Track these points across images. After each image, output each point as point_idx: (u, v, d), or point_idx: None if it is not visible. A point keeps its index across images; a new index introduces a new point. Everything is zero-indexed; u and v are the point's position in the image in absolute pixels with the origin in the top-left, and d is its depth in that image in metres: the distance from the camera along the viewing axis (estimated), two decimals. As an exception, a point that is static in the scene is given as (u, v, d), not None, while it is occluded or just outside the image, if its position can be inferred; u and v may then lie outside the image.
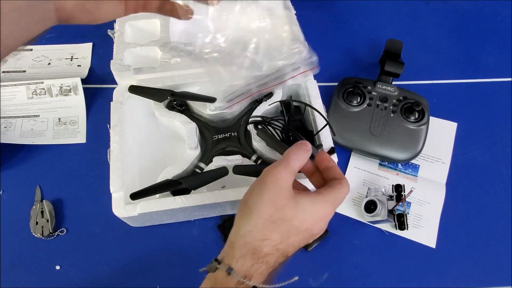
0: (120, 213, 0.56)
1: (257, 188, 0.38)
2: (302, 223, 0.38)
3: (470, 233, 0.66)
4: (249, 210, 0.37)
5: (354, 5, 0.91)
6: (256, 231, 0.37)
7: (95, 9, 0.39)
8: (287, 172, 0.38)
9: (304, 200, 0.38)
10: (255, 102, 0.67)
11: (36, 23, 0.35)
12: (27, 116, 0.73)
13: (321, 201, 0.39)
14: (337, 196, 0.40)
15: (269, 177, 0.38)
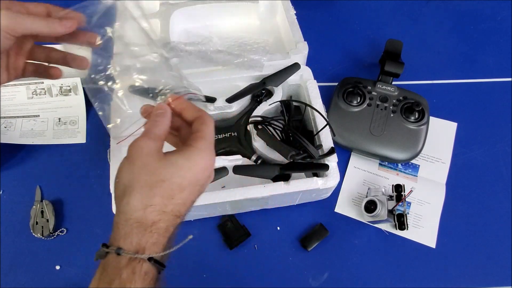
0: (120, 213, 0.56)
1: (125, 164, 0.37)
2: (183, 179, 0.36)
3: (470, 233, 0.66)
4: (123, 185, 0.36)
5: (354, 5, 0.91)
6: (134, 202, 0.35)
7: None
8: (150, 140, 0.37)
9: (177, 157, 0.37)
10: (255, 102, 0.67)
11: None
12: (27, 116, 0.73)
13: (195, 152, 0.37)
14: (206, 139, 0.39)
15: (133, 150, 0.37)
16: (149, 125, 0.39)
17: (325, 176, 0.59)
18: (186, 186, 0.37)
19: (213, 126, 0.40)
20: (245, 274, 0.62)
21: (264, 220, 0.65)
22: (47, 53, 0.46)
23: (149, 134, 0.38)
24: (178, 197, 0.36)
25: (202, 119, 0.40)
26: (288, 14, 0.74)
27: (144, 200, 0.35)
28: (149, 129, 0.39)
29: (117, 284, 0.33)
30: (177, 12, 0.76)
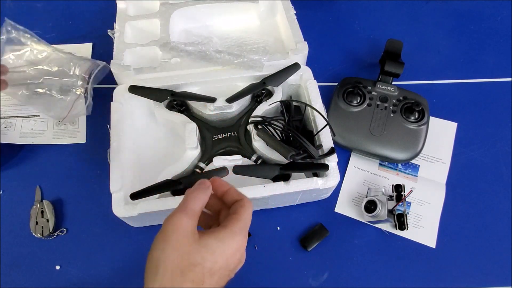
0: (120, 213, 0.56)
1: (159, 240, 0.36)
2: (214, 264, 0.36)
3: (470, 233, 0.66)
4: (154, 265, 0.35)
5: (354, 5, 0.91)
6: (165, 285, 0.34)
7: None
8: (187, 216, 0.37)
9: (211, 240, 0.37)
10: (255, 102, 0.67)
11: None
12: (27, 116, 0.73)
13: (229, 235, 0.37)
14: (243, 222, 0.39)
15: (169, 226, 0.36)
16: (188, 198, 0.39)
17: (325, 176, 0.59)
18: (216, 271, 0.36)
19: (251, 210, 0.40)
20: (245, 274, 0.61)
21: (264, 220, 0.65)
22: None
23: (186, 210, 0.37)
24: (208, 283, 0.36)
25: (242, 202, 0.40)
26: (288, 14, 0.74)
27: (175, 284, 0.34)
28: (187, 203, 0.38)
29: None
30: (177, 12, 0.76)
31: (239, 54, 0.68)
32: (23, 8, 0.88)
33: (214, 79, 0.67)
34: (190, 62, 0.68)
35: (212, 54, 0.69)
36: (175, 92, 0.65)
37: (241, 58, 0.68)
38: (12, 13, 0.87)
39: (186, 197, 0.39)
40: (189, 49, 0.70)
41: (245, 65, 0.67)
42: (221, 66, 0.68)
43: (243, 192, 0.41)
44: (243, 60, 0.67)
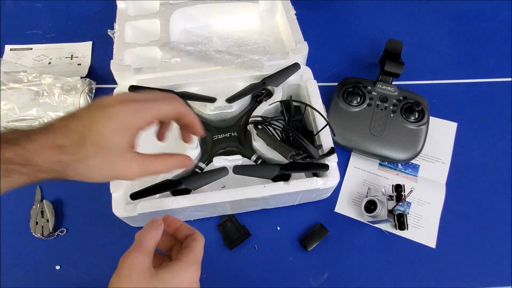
0: (120, 213, 0.56)
1: (116, 280, 0.37)
2: None
3: (470, 233, 0.66)
4: None
5: (354, 5, 0.91)
6: None
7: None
8: (142, 254, 0.38)
9: (166, 274, 0.38)
10: (255, 102, 0.67)
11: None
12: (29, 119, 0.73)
13: (184, 267, 0.39)
14: (196, 254, 0.40)
15: (125, 266, 0.37)
16: (142, 236, 0.39)
17: (325, 176, 0.59)
18: None
19: (203, 243, 0.42)
20: (245, 274, 0.62)
21: (264, 220, 0.65)
22: None
23: (141, 248, 0.38)
24: None
25: (194, 235, 0.42)
26: (288, 14, 0.74)
27: None
28: (142, 241, 0.39)
29: None
30: (177, 12, 0.76)
31: (239, 54, 0.68)
32: (23, 8, 0.88)
33: (214, 79, 0.67)
34: (190, 62, 0.68)
35: (212, 54, 0.69)
36: (175, 92, 0.65)
37: (241, 58, 0.68)
38: (12, 13, 0.87)
39: (140, 236, 0.40)
40: (189, 49, 0.70)
41: (245, 65, 0.67)
42: (221, 66, 0.68)
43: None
44: (243, 60, 0.67)
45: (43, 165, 0.34)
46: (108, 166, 0.36)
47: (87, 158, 0.35)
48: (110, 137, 0.35)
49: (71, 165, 0.35)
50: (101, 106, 0.36)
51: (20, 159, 0.33)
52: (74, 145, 0.34)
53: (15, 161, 0.33)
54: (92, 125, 0.35)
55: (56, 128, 0.34)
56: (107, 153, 0.36)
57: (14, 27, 0.85)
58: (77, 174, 0.36)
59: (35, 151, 0.33)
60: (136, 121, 0.37)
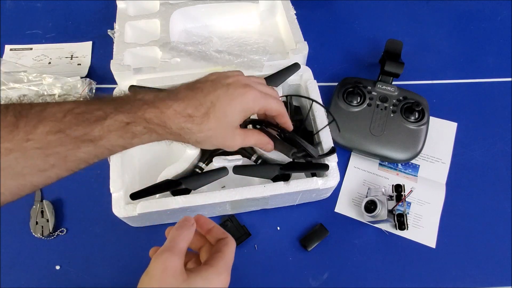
0: (120, 213, 0.56)
1: (147, 280, 0.37)
2: None
3: (470, 233, 0.66)
4: None
5: (354, 5, 0.91)
6: None
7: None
8: (175, 256, 0.37)
9: (198, 279, 0.37)
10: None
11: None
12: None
13: (215, 274, 0.38)
14: (227, 260, 0.40)
15: (157, 267, 0.37)
16: (175, 236, 0.39)
17: (325, 176, 0.59)
18: None
19: (234, 248, 0.41)
20: (245, 274, 0.62)
21: (264, 220, 0.65)
22: None
23: (174, 249, 0.38)
24: None
25: (226, 240, 0.42)
26: (288, 14, 0.74)
27: None
28: (174, 241, 0.38)
29: None
30: (177, 12, 0.76)
31: (239, 54, 0.69)
32: (23, 8, 0.88)
33: (214, 79, 0.67)
34: (190, 62, 0.68)
35: (212, 54, 0.69)
36: (175, 92, 0.65)
37: (241, 58, 0.68)
38: (12, 13, 0.87)
39: (173, 235, 0.39)
40: (189, 49, 0.70)
41: (245, 65, 0.67)
42: (221, 66, 0.68)
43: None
44: (243, 60, 0.67)
45: (173, 128, 0.39)
46: (222, 138, 0.43)
47: (208, 130, 0.41)
48: (230, 115, 0.42)
49: (194, 133, 0.40)
50: (224, 84, 0.43)
51: (159, 120, 0.38)
52: (201, 117, 0.40)
53: (155, 122, 0.38)
54: (217, 103, 0.41)
55: (187, 99, 0.40)
56: (225, 128, 0.42)
57: (14, 27, 0.85)
58: (195, 141, 0.42)
59: (169, 116, 0.38)
60: (254, 106, 0.44)
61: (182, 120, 0.39)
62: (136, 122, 0.37)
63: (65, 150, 0.34)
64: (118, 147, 0.37)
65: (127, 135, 0.37)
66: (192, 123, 0.40)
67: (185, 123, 0.39)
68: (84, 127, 0.34)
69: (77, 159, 0.36)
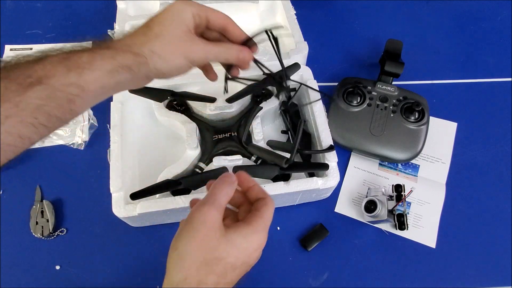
0: (120, 213, 0.56)
1: (185, 231, 0.37)
2: (237, 259, 0.37)
3: (470, 233, 0.66)
4: (180, 256, 0.36)
5: (354, 5, 0.91)
6: (190, 277, 0.35)
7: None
8: (215, 210, 0.37)
9: (235, 236, 0.37)
10: (255, 102, 0.67)
11: (134, 86, 0.41)
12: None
13: (253, 232, 0.38)
14: (266, 220, 0.40)
15: (197, 219, 0.37)
16: (215, 190, 0.39)
17: (325, 176, 0.59)
18: (238, 266, 0.37)
19: (273, 209, 0.41)
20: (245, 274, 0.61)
21: (264, 220, 0.65)
22: None
23: (214, 203, 0.37)
24: (229, 277, 0.37)
25: (265, 200, 0.41)
26: (288, 14, 0.74)
27: (201, 277, 0.35)
28: (215, 195, 0.38)
29: None
30: (177, 12, 0.75)
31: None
32: (23, 8, 0.88)
33: (214, 79, 0.67)
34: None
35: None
36: (175, 92, 0.65)
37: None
38: (12, 13, 0.87)
39: (214, 190, 0.39)
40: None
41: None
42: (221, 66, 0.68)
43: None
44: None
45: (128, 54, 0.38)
46: (174, 50, 0.40)
47: (155, 46, 0.39)
48: (168, 25, 0.40)
49: (148, 60, 0.39)
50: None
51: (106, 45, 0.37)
52: (143, 42, 0.39)
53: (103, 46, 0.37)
54: (153, 20, 0.41)
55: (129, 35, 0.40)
56: (169, 39, 0.40)
57: (14, 27, 0.85)
58: (155, 68, 0.39)
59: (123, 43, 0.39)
60: (189, 10, 0.41)
61: (137, 42, 0.38)
62: (81, 52, 0.35)
63: (13, 96, 0.31)
64: (73, 87, 0.34)
65: (76, 70, 0.34)
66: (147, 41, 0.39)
67: (140, 45, 0.38)
68: (24, 68, 0.33)
69: (30, 108, 0.32)
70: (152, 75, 0.40)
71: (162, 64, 0.39)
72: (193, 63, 0.42)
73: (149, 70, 0.39)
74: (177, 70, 0.41)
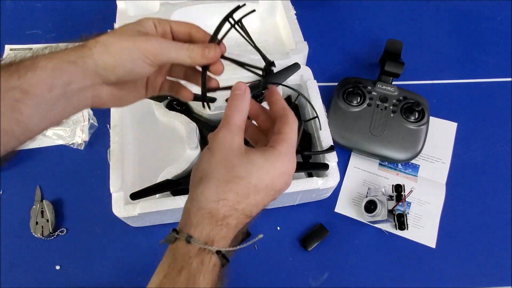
0: (120, 213, 0.56)
1: (206, 153, 0.36)
2: (260, 181, 0.35)
3: (470, 233, 0.66)
4: (200, 174, 0.36)
5: (354, 5, 0.91)
6: (209, 193, 0.34)
7: (125, 97, 0.41)
8: (230, 133, 0.36)
9: (257, 157, 0.36)
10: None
11: (69, 111, 0.36)
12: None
13: (276, 156, 0.36)
14: (289, 141, 0.37)
15: (215, 143, 0.36)
16: (229, 110, 0.37)
17: (325, 176, 0.59)
18: (262, 188, 0.36)
19: (296, 128, 0.38)
20: (245, 274, 0.62)
21: (264, 220, 0.65)
22: (185, 70, 0.46)
23: (229, 126, 0.36)
24: (252, 198, 0.35)
25: (287, 118, 0.38)
26: (288, 14, 0.74)
27: (219, 193, 0.34)
28: (229, 116, 0.37)
29: (186, 272, 0.33)
30: (177, 12, 0.76)
31: (239, 54, 0.68)
32: (23, 8, 0.88)
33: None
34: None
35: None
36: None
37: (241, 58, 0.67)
38: (12, 13, 0.87)
39: (227, 110, 0.37)
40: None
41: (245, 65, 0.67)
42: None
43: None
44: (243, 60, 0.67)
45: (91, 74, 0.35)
46: (121, 42, 0.35)
47: (101, 37, 0.35)
48: (125, 25, 0.37)
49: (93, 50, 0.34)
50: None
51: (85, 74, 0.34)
52: (92, 39, 0.35)
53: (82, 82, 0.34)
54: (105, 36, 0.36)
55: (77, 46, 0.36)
56: (119, 33, 0.36)
57: (14, 27, 0.85)
58: (101, 61, 0.35)
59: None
60: (150, 20, 0.38)
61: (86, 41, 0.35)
62: (30, 56, 0.33)
63: None
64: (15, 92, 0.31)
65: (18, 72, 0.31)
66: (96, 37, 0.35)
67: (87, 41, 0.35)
68: None
69: None
70: (101, 70, 0.35)
71: (108, 57, 0.35)
72: (148, 59, 0.36)
73: (95, 63, 0.34)
74: (128, 65, 0.36)
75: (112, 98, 0.39)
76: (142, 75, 0.38)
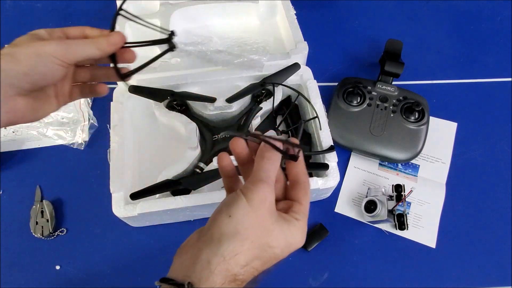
0: (120, 213, 0.56)
1: (244, 206, 0.34)
2: (281, 252, 0.35)
3: (470, 233, 0.66)
4: (234, 226, 0.33)
5: (354, 5, 0.91)
6: (241, 257, 0.32)
7: (41, 108, 0.41)
8: (272, 192, 0.35)
9: (286, 227, 0.35)
10: (255, 102, 0.67)
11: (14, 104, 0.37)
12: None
13: (299, 231, 0.36)
14: (306, 213, 0.37)
15: (257, 198, 0.34)
16: (266, 165, 0.36)
17: (325, 176, 0.59)
18: (279, 257, 0.35)
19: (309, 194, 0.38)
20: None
21: (264, 220, 0.65)
22: (90, 71, 0.46)
23: (268, 180, 0.35)
24: (269, 264, 0.35)
25: (305, 185, 0.38)
26: (288, 14, 0.74)
27: (248, 260, 0.33)
28: (268, 171, 0.36)
29: None
30: (177, 12, 0.76)
31: (239, 54, 0.68)
32: (23, 8, 0.88)
33: (214, 79, 0.67)
34: (190, 62, 0.68)
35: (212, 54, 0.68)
36: (175, 92, 0.65)
37: (241, 58, 0.67)
38: (12, 13, 0.87)
39: (263, 164, 0.36)
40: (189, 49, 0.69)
41: (245, 65, 0.67)
42: (221, 66, 0.68)
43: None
44: (243, 60, 0.67)
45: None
46: (25, 48, 0.38)
47: (4, 49, 0.37)
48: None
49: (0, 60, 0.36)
50: None
51: None
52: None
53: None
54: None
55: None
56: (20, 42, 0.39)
57: (14, 27, 0.85)
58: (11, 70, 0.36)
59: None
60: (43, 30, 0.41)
61: None
62: None
63: None
64: None
65: None
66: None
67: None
68: None
69: None
70: (13, 80, 0.36)
71: (18, 65, 0.36)
72: (58, 59, 0.37)
73: (5, 74, 0.35)
74: (41, 69, 0.37)
75: (29, 109, 0.39)
76: (56, 77, 0.39)
